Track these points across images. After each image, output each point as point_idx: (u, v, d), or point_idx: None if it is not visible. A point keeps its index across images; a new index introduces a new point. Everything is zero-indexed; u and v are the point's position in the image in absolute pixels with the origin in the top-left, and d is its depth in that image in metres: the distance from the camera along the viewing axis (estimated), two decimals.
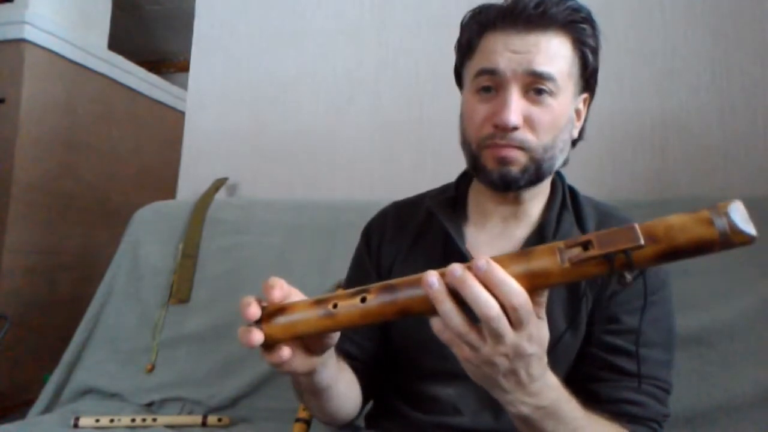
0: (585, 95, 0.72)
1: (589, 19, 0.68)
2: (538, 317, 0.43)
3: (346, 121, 1.50)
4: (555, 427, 0.49)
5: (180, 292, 1.29)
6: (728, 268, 0.95)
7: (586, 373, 0.65)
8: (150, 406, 1.19)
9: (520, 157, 0.65)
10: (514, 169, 0.65)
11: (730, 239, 0.38)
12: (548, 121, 0.64)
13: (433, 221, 0.75)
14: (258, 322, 0.48)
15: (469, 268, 0.41)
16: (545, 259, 0.41)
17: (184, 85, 1.84)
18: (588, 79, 0.71)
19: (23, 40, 1.90)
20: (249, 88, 1.61)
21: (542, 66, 0.63)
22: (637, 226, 0.39)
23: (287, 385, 1.14)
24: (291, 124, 1.55)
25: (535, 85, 0.64)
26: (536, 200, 0.72)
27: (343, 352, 0.71)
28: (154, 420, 1.09)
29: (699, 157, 1.18)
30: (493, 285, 0.40)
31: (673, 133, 1.20)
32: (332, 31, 1.54)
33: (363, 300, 0.44)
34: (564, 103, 0.66)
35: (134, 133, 2.46)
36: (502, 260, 0.42)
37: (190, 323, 1.26)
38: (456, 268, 0.41)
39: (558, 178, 0.75)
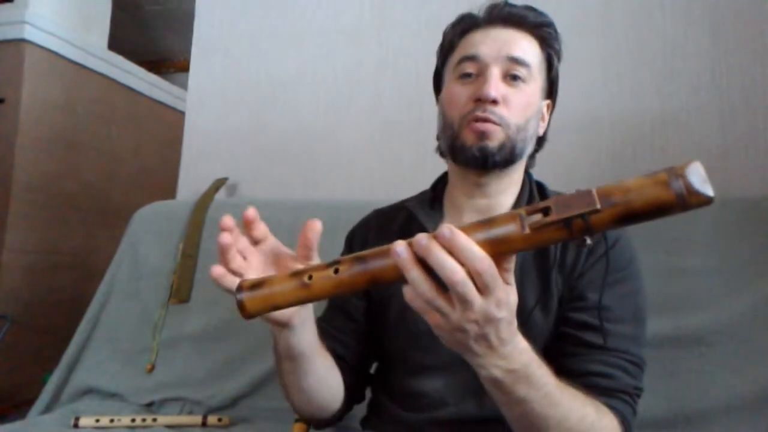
0: (548, 101, 0.80)
1: (553, 26, 0.77)
2: (506, 283, 0.45)
3: (346, 121, 1.50)
4: (526, 391, 0.50)
5: (180, 292, 1.29)
6: (728, 268, 0.95)
7: (557, 350, 0.67)
8: (150, 406, 1.19)
9: (497, 133, 0.71)
10: (491, 144, 0.71)
11: (687, 201, 0.39)
12: (522, 102, 0.72)
13: (412, 222, 0.80)
14: (239, 292, 0.49)
15: (435, 237, 0.42)
16: (507, 226, 0.42)
17: (184, 85, 1.84)
18: (552, 83, 0.79)
19: (23, 40, 1.90)
20: (249, 88, 1.61)
21: (519, 53, 0.72)
22: (594, 190, 0.40)
23: None
24: (291, 124, 1.55)
25: (512, 71, 0.72)
26: (506, 194, 0.77)
27: (330, 351, 0.72)
28: (154, 420, 1.09)
29: (699, 157, 1.16)
30: (457, 251, 0.42)
31: (673, 133, 1.20)
32: (332, 31, 1.54)
33: (336, 271, 0.46)
34: (534, 92, 0.74)
35: (134, 133, 2.46)
36: (465, 229, 0.43)
37: (190, 323, 1.26)
38: (422, 238, 0.42)
39: (526, 176, 0.80)
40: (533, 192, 0.79)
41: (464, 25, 0.78)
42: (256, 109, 1.59)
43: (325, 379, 0.68)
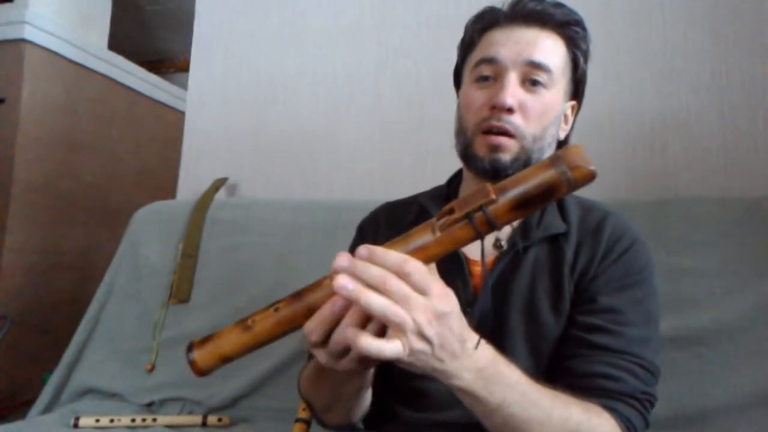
0: (573, 102, 0.77)
1: (581, 24, 0.72)
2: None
3: (346, 121, 1.50)
4: (502, 393, 0.49)
5: (180, 292, 1.29)
6: (728, 268, 0.95)
7: (563, 352, 0.66)
8: (150, 406, 1.19)
9: (511, 146, 0.68)
10: (504, 157, 0.68)
11: (571, 177, 0.41)
12: (540, 110, 0.68)
13: (425, 218, 0.76)
14: (189, 352, 0.50)
15: (354, 258, 0.44)
16: (422, 236, 0.45)
17: (184, 85, 1.83)
18: (577, 84, 0.75)
19: (23, 40, 1.90)
20: (249, 88, 1.61)
21: (540, 57, 0.68)
22: (489, 184, 0.43)
23: (287, 385, 1.14)
24: (291, 124, 1.55)
25: (532, 76, 0.68)
26: None
27: None
28: (154, 420, 1.09)
29: (699, 157, 1.18)
30: (379, 262, 0.43)
31: (673, 133, 1.20)
32: (332, 31, 1.54)
33: (276, 309, 0.47)
34: (556, 97, 0.70)
35: (134, 133, 2.46)
36: (386, 247, 0.45)
37: (190, 323, 1.26)
38: (340, 260, 0.44)
39: None
40: None
41: (485, 21, 0.73)
42: (256, 109, 1.59)
43: (368, 391, 0.68)
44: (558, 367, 0.52)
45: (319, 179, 1.50)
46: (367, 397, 0.68)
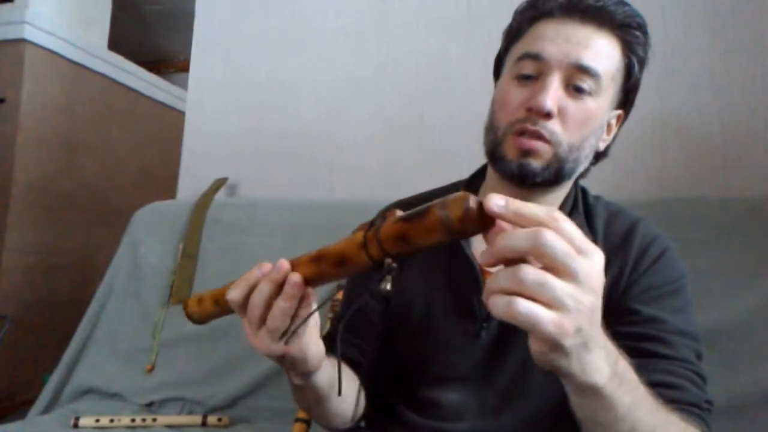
0: (620, 112, 0.70)
1: (643, 28, 0.65)
2: None
3: (346, 121, 1.50)
4: (631, 395, 0.40)
5: (180, 292, 1.29)
6: (729, 268, 0.95)
7: None
8: (150, 406, 1.19)
9: (544, 151, 0.62)
10: (535, 163, 0.62)
11: (452, 221, 0.37)
12: (582, 119, 0.62)
13: None
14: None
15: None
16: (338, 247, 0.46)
17: (184, 85, 1.84)
18: (627, 94, 0.68)
19: (23, 40, 1.90)
20: (249, 88, 1.61)
21: (590, 61, 0.61)
22: (397, 211, 0.41)
23: (287, 385, 1.14)
24: (291, 124, 1.55)
25: (577, 81, 0.61)
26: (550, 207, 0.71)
27: (346, 359, 0.70)
28: (154, 420, 1.09)
29: (699, 157, 1.18)
30: (524, 220, 0.36)
31: (673, 133, 1.20)
32: (332, 31, 1.54)
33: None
34: (601, 106, 0.64)
35: (134, 133, 2.46)
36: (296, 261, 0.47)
37: (190, 323, 1.25)
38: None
39: (573, 184, 0.73)
40: (577, 199, 0.71)
41: (537, 10, 0.65)
42: (256, 110, 1.59)
43: (350, 394, 0.66)
44: None
45: (319, 179, 1.50)
46: (343, 407, 0.65)
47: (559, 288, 0.34)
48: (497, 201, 0.36)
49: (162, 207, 1.46)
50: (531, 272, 0.34)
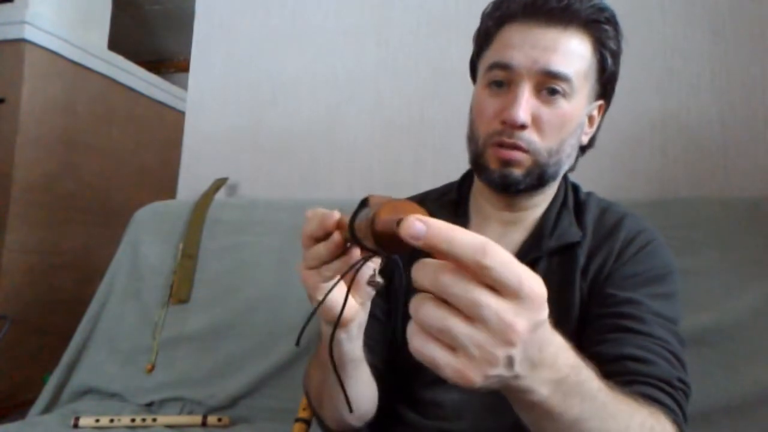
0: (600, 102, 0.70)
1: (612, 21, 0.64)
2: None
3: (346, 120, 1.50)
4: (580, 406, 0.37)
5: (180, 292, 1.29)
6: (728, 268, 0.95)
7: (588, 340, 0.60)
8: (150, 406, 1.19)
9: (523, 160, 0.63)
10: (516, 171, 0.64)
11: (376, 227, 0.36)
12: (557, 123, 0.63)
13: None
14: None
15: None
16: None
17: (184, 85, 1.84)
18: (605, 85, 0.68)
19: (23, 40, 1.90)
20: (249, 88, 1.61)
21: (558, 66, 0.61)
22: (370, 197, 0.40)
23: (287, 385, 1.14)
24: (291, 124, 1.55)
25: (549, 85, 0.62)
26: (538, 207, 0.71)
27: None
28: (154, 420, 1.09)
29: (699, 157, 1.18)
30: (445, 250, 0.32)
31: (673, 133, 1.20)
32: (332, 31, 1.54)
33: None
34: (577, 106, 0.64)
35: (134, 133, 2.46)
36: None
37: (190, 323, 1.26)
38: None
39: (563, 180, 0.73)
40: (567, 196, 0.72)
41: (502, 12, 0.65)
42: (256, 109, 1.59)
43: (369, 386, 0.63)
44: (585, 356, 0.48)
45: (319, 179, 1.50)
46: (362, 398, 0.62)
47: (463, 334, 0.30)
48: (415, 227, 0.30)
49: (162, 207, 1.46)
50: (432, 313, 0.31)
